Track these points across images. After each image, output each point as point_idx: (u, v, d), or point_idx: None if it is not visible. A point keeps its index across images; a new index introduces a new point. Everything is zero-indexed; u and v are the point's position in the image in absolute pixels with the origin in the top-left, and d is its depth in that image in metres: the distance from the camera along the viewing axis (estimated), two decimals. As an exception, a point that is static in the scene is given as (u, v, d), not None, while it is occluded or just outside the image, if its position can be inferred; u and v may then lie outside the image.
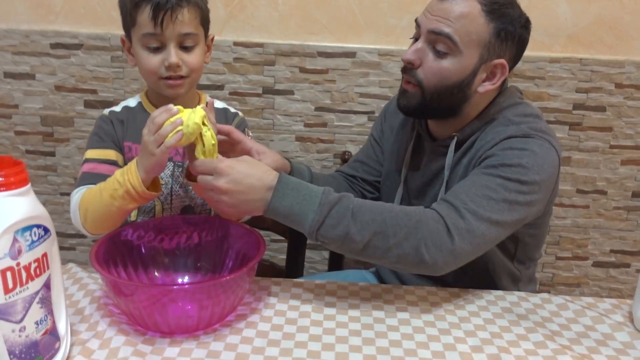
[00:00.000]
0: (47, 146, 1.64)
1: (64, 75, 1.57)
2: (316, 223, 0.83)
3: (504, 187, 0.89)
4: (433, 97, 0.98)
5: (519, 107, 1.00)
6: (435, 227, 0.85)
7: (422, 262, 0.84)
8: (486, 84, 0.98)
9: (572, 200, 1.63)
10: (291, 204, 0.84)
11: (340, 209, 0.84)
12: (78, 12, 1.53)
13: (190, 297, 0.78)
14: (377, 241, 0.84)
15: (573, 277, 1.71)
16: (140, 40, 0.99)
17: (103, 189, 0.92)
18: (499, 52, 0.96)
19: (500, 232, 0.90)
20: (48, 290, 0.69)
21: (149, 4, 0.95)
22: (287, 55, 1.54)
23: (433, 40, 0.96)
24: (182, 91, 1.04)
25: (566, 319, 0.91)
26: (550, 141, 0.94)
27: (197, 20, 1.01)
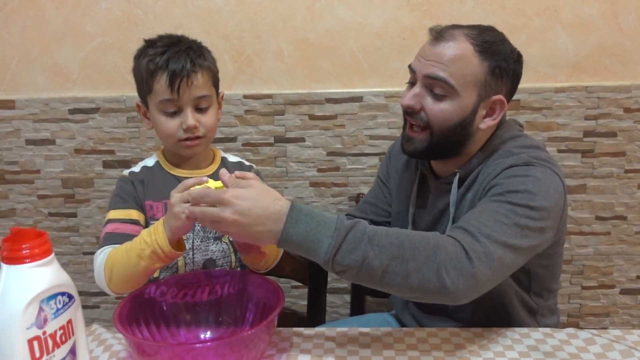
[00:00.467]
0: (69, 208, 1.68)
1: (82, 139, 1.63)
2: (332, 249, 0.79)
3: (513, 212, 0.88)
4: (440, 138, 0.99)
5: (518, 139, 1.01)
6: (454, 250, 0.82)
7: (444, 288, 0.80)
8: (487, 120, 0.99)
9: (592, 228, 1.61)
10: (305, 231, 0.80)
11: (357, 233, 0.80)
12: (94, 77, 1.60)
13: (213, 353, 0.79)
14: (396, 266, 0.80)
15: (601, 306, 1.67)
16: (157, 106, 1.04)
17: (129, 249, 0.93)
18: (495, 88, 0.98)
19: (516, 257, 0.88)
20: (74, 356, 0.70)
21: (165, 72, 1.00)
22: (296, 104, 1.58)
23: (430, 85, 0.98)
24: (200, 150, 1.08)
25: (594, 354, 0.89)
26: (551, 168, 0.95)
27: (210, 82, 1.06)
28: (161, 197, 1.08)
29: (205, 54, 1.07)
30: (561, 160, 1.57)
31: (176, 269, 1.07)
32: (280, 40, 1.55)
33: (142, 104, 1.09)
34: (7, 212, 1.69)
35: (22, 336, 0.63)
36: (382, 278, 0.80)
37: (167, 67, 1.00)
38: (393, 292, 0.84)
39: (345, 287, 1.69)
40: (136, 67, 1.06)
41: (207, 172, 1.13)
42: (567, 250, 1.63)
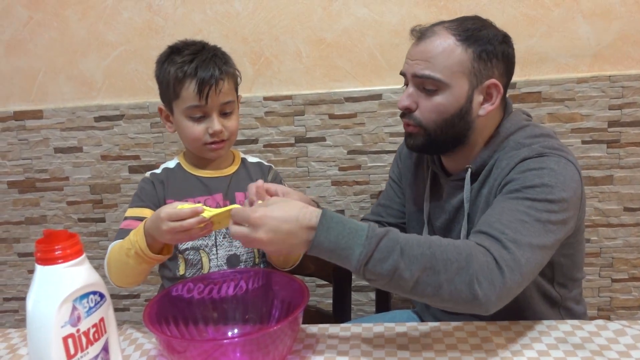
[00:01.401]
0: (97, 213, 1.72)
1: (108, 145, 1.67)
2: (364, 257, 0.79)
3: (533, 208, 0.87)
4: (437, 133, 0.99)
5: (526, 129, 1.00)
6: (485, 260, 0.82)
7: (476, 299, 0.79)
8: (486, 106, 0.99)
9: (620, 220, 1.58)
10: (337, 238, 0.80)
11: (389, 242, 0.80)
12: (118, 86, 1.64)
13: (241, 349, 0.80)
14: (428, 277, 0.79)
15: (633, 299, 1.64)
16: (184, 111, 1.07)
17: (121, 246, 0.98)
18: (486, 73, 0.97)
19: (543, 256, 0.88)
20: (107, 354, 0.72)
21: (193, 79, 1.04)
22: (316, 104, 1.59)
23: (420, 83, 0.99)
24: (223, 153, 1.12)
25: (625, 345, 0.87)
26: (565, 157, 0.93)
27: (233, 88, 1.10)
28: (182, 195, 1.11)
29: (229, 61, 1.10)
30: (586, 152, 1.54)
31: (201, 265, 1.10)
32: (298, 41, 1.56)
33: (165, 109, 1.12)
34: (38, 219, 1.74)
35: (57, 334, 0.65)
36: (413, 288, 0.80)
37: (196, 75, 1.03)
38: (424, 301, 0.84)
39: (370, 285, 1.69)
40: (161, 73, 1.09)
41: (227, 172, 1.15)
42: (596, 242, 1.60)
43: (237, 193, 1.14)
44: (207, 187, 1.13)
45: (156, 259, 0.96)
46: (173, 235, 0.89)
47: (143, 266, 0.97)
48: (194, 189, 1.12)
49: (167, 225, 0.88)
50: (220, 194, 1.13)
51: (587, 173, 1.56)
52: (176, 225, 0.88)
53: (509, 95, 1.08)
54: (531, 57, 1.52)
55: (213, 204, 1.11)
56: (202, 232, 0.89)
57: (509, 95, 1.50)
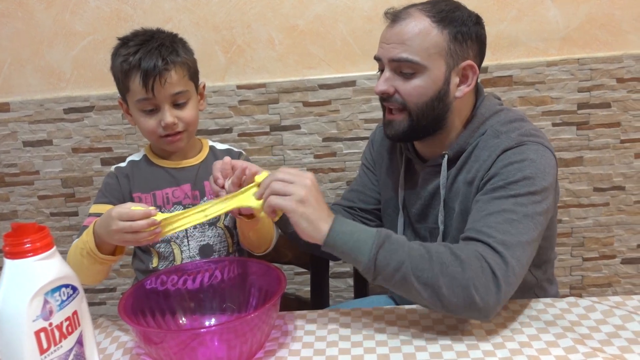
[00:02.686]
0: (70, 207, 1.69)
1: (79, 138, 1.63)
2: (376, 247, 0.85)
3: (519, 204, 0.89)
4: (419, 116, 0.99)
5: (501, 114, 1.02)
6: (480, 265, 0.84)
7: (474, 304, 0.83)
8: (462, 87, 1.00)
9: (590, 200, 1.62)
10: (351, 231, 0.87)
11: (399, 239, 0.87)
12: (87, 76, 1.60)
13: (218, 338, 0.80)
14: (428, 278, 0.84)
15: (603, 277, 1.68)
16: (135, 105, 1.05)
17: (77, 245, 0.96)
18: (462, 54, 0.98)
19: (532, 249, 0.91)
20: (81, 347, 0.71)
21: (138, 71, 1.00)
22: (290, 92, 1.58)
23: (397, 67, 0.98)
24: (182, 144, 1.09)
25: (595, 320, 0.90)
26: (542, 143, 0.96)
27: (186, 77, 1.06)
28: (149, 188, 1.10)
29: (178, 49, 1.05)
30: (557, 134, 1.57)
31: (173, 257, 1.09)
32: (271, 28, 1.55)
33: (123, 102, 1.10)
34: (9, 215, 1.70)
35: (28, 328, 0.64)
36: (414, 287, 0.84)
37: (140, 67, 1.00)
38: (425, 303, 0.87)
39: (348, 270, 1.70)
40: (112, 66, 1.07)
41: (195, 161, 1.14)
42: (567, 222, 1.64)
43: (206, 182, 1.12)
44: (174, 178, 1.10)
45: (107, 260, 0.94)
46: (121, 236, 0.87)
47: (97, 266, 0.95)
48: (161, 180, 1.10)
49: (116, 225, 0.86)
50: (189, 184, 1.11)
51: (558, 155, 1.59)
52: (125, 225, 0.85)
53: (480, 80, 1.09)
54: (502, 41, 1.53)
55: (181, 194, 1.10)
56: (151, 237, 0.87)
57: (481, 80, 1.52)
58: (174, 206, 1.09)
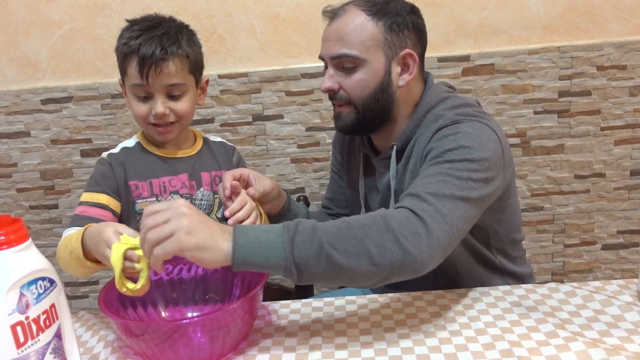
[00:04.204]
0: (50, 199, 1.66)
1: (57, 129, 1.60)
2: (288, 244, 0.76)
3: (454, 169, 0.88)
4: (365, 108, 1.01)
5: (447, 101, 1.02)
6: (403, 215, 0.80)
7: (408, 254, 0.77)
8: (404, 76, 1.02)
9: (571, 187, 1.64)
10: (255, 238, 0.77)
11: (306, 225, 0.78)
12: (64, 66, 1.57)
13: (200, 329, 0.79)
14: (354, 247, 0.76)
15: (584, 263, 1.71)
16: (130, 89, 1.04)
17: (66, 244, 0.93)
18: (399, 44, 1.00)
19: (468, 208, 0.86)
20: (60, 340, 0.70)
21: (136, 56, 1.00)
22: (272, 81, 1.56)
23: (338, 63, 1.01)
24: (171, 137, 1.08)
25: (575, 305, 0.91)
26: (480, 121, 0.95)
27: (185, 70, 1.04)
28: (146, 176, 1.08)
29: (181, 41, 1.04)
30: (538, 122, 1.58)
31: None
32: (252, 17, 1.53)
33: (122, 84, 1.09)
34: (-14, 208, 1.67)
35: (4, 322, 0.63)
36: (345, 264, 0.76)
37: (138, 52, 0.99)
38: (362, 280, 0.79)
39: (332, 261, 1.70)
40: (116, 47, 1.06)
41: (191, 152, 1.13)
42: (548, 210, 1.65)
43: (203, 173, 1.12)
44: (171, 167, 1.09)
45: (95, 267, 0.90)
46: (102, 260, 0.85)
47: (85, 269, 0.92)
48: (157, 169, 1.09)
49: (103, 250, 0.82)
50: (186, 174, 1.10)
51: (540, 143, 1.60)
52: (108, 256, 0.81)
53: (462, 69, 1.09)
54: (484, 29, 1.53)
55: (178, 184, 1.09)
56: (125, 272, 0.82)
57: (463, 69, 1.52)
58: (171, 195, 1.08)
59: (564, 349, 0.78)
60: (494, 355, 0.78)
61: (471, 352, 0.80)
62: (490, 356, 0.78)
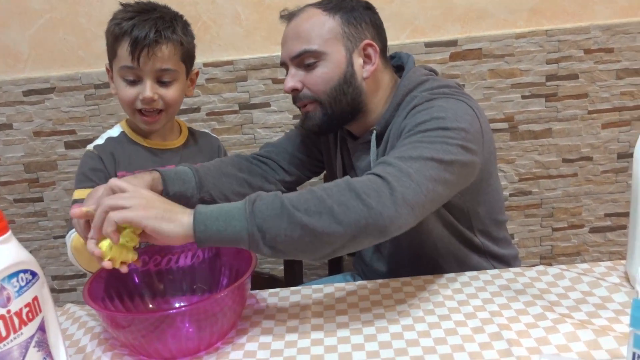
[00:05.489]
0: (34, 192, 1.64)
1: (40, 121, 1.58)
2: (249, 207, 0.76)
3: (427, 136, 0.86)
4: (332, 105, 1.00)
5: (425, 83, 1.00)
6: (366, 177, 0.80)
7: (372, 210, 0.75)
8: (367, 67, 1.01)
9: (559, 171, 1.64)
10: (218, 208, 0.77)
11: (267, 195, 0.79)
12: (46, 56, 1.54)
13: (188, 319, 0.78)
14: (316, 206, 0.76)
15: (572, 246, 1.72)
16: (119, 71, 1.02)
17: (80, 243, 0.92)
18: (358, 36, 1.00)
19: (439, 170, 0.83)
20: (43, 333, 0.69)
21: (128, 38, 0.98)
22: (258, 69, 1.55)
23: (299, 62, 1.00)
24: (157, 127, 1.06)
25: (563, 287, 0.91)
26: (455, 97, 0.94)
27: (177, 56, 1.03)
28: (134, 167, 1.06)
29: (176, 27, 1.03)
30: (526, 106, 1.58)
31: None
32: (236, 3, 1.51)
33: (109, 68, 1.07)
34: (-30, 203, 1.64)
35: (-15, 316, 0.61)
36: (308, 223, 0.75)
37: (131, 34, 0.98)
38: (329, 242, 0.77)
39: (322, 249, 1.70)
40: (107, 29, 1.04)
41: (177, 144, 1.12)
42: (537, 194, 1.66)
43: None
44: (159, 159, 1.08)
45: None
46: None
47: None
48: (145, 160, 1.07)
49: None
50: (173, 166, 1.08)
51: (527, 127, 1.60)
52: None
53: (450, 54, 1.08)
54: (471, 14, 1.52)
55: None
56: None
57: (450, 54, 1.51)
58: None
59: (552, 331, 0.78)
60: (483, 338, 0.78)
61: (460, 335, 0.79)
62: (480, 339, 0.78)
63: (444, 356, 0.75)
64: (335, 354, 0.78)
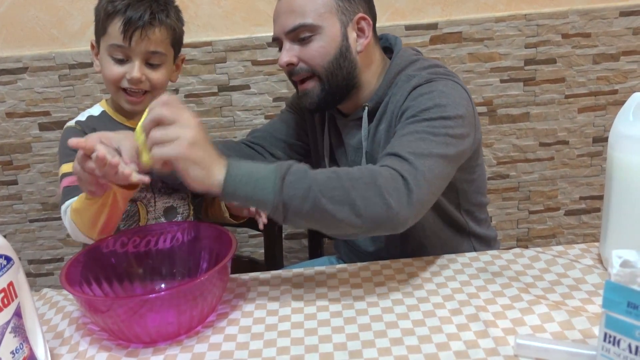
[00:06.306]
0: (8, 175, 1.60)
1: (13, 101, 1.54)
2: (280, 180, 0.78)
3: (431, 127, 0.90)
4: (329, 77, 1.01)
5: (416, 63, 1.03)
6: (389, 173, 0.83)
7: (390, 209, 0.79)
8: (361, 41, 1.02)
9: (536, 154, 1.67)
10: (249, 171, 0.79)
11: (299, 167, 0.80)
12: (18, 35, 1.49)
13: (167, 303, 0.78)
14: (341, 196, 0.79)
15: (548, 228, 1.75)
16: (107, 49, 1.01)
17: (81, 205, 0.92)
18: (352, 9, 1.01)
19: (446, 165, 0.89)
20: (20, 319, 0.68)
21: (122, 17, 0.98)
22: (237, 50, 1.53)
23: (294, 36, 1.00)
24: (140, 108, 1.05)
25: (539, 269, 0.93)
26: (452, 79, 0.98)
27: (168, 40, 1.04)
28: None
29: (170, 11, 1.04)
30: (504, 90, 1.59)
31: (138, 217, 1.07)
32: (215, -17, 1.48)
33: (95, 44, 1.06)
34: (-60, 186, 1.60)
35: (-42, 303, 0.60)
36: (329, 210, 0.78)
37: (125, 13, 0.98)
38: (343, 228, 0.82)
39: (302, 232, 1.70)
40: (97, 5, 1.04)
41: None
42: (514, 177, 1.68)
43: None
44: None
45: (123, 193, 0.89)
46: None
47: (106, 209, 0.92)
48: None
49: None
50: None
51: (506, 111, 1.61)
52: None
53: (430, 37, 1.08)
54: (452, -3, 1.52)
55: None
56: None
57: (431, 37, 1.51)
58: None
59: (527, 312, 0.80)
60: (461, 320, 0.80)
61: (438, 317, 0.81)
62: (457, 321, 0.79)
63: (422, 338, 0.76)
64: (315, 336, 0.78)
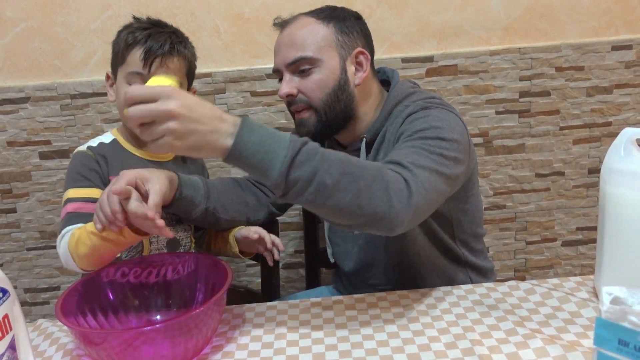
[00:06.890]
0: (7, 203, 1.61)
1: (14, 130, 1.55)
2: (288, 159, 0.75)
3: (427, 144, 0.91)
4: (326, 111, 1.03)
5: (413, 95, 1.05)
6: (394, 173, 0.83)
7: (391, 207, 0.79)
8: (360, 74, 1.05)
9: (532, 185, 1.68)
10: (260, 140, 0.75)
11: (311, 147, 0.78)
12: (21, 65, 1.52)
13: (162, 335, 0.78)
14: (347, 183, 0.77)
15: (545, 259, 1.75)
16: (125, 77, 1.04)
17: (82, 235, 0.92)
18: (351, 44, 1.04)
19: (441, 182, 0.89)
20: (14, 352, 0.68)
21: (142, 47, 1.02)
22: (237, 81, 1.55)
23: (294, 68, 1.03)
24: None
25: (534, 302, 0.93)
26: (447, 108, 1.00)
27: (184, 70, 1.08)
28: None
29: (187, 44, 1.09)
30: (500, 122, 1.61)
31: (141, 248, 1.07)
32: (215, 16, 1.51)
33: (111, 75, 1.10)
34: (-61, 213, 1.61)
35: (-47, 336, 0.60)
36: (332, 195, 0.77)
37: (145, 43, 1.02)
38: (340, 217, 0.80)
39: (299, 261, 1.70)
40: (116, 38, 1.08)
41: (167, 158, 1.13)
42: (511, 208, 1.69)
43: None
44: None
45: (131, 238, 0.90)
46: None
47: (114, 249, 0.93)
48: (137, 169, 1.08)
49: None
50: None
51: (502, 142, 1.63)
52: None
53: (426, 70, 1.10)
54: (447, 31, 1.55)
55: None
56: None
57: (427, 70, 1.54)
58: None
59: (523, 347, 0.80)
60: (456, 354, 0.79)
61: (434, 351, 0.81)
62: (452, 355, 0.79)
63: (417, 372, 0.76)
64: (310, 370, 0.78)
